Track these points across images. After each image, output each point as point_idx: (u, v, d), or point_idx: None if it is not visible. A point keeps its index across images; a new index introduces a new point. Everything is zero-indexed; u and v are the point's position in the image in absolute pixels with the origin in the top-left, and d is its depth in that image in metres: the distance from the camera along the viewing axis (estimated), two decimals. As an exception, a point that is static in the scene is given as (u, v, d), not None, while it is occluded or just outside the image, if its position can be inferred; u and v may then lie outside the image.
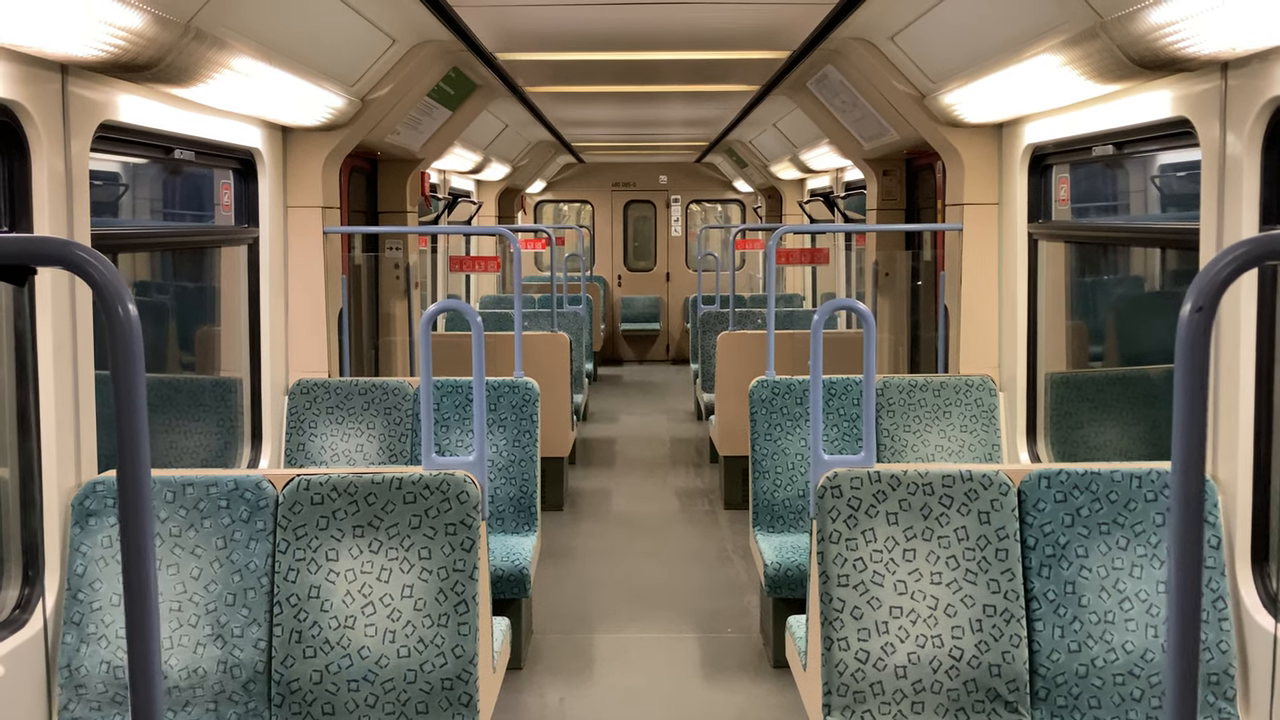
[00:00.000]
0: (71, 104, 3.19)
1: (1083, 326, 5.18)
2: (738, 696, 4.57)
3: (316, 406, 4.95)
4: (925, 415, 4.93)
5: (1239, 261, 1.23)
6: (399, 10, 4.47)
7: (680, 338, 15.60)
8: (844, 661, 3.14)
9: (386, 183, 6.90)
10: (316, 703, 3.15)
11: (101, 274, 1.23)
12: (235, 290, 4.97)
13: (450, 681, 3.16)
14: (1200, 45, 2.93)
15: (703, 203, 16.16)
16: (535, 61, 6.08)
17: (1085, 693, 3.13)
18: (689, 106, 8.58)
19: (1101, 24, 3.24)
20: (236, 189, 4.89)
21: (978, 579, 3.17)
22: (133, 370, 1.24)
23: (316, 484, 3.24)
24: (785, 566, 4.56)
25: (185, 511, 3.22)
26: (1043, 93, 4.06)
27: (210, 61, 3.45)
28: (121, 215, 4.54)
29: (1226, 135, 3.20)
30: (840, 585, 3.16)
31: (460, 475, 3.26)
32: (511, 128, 9.68)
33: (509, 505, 4.92)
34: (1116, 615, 3.14)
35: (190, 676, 3.14)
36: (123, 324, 1.23)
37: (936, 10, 4.29)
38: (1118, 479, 3.21)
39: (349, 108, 4.98)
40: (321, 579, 3.20)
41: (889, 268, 7.08)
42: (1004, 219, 5.16)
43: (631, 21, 5.00)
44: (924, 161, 6.75)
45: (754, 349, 6.96)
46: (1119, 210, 5.00)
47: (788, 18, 4.86)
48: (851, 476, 3.21)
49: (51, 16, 2.66)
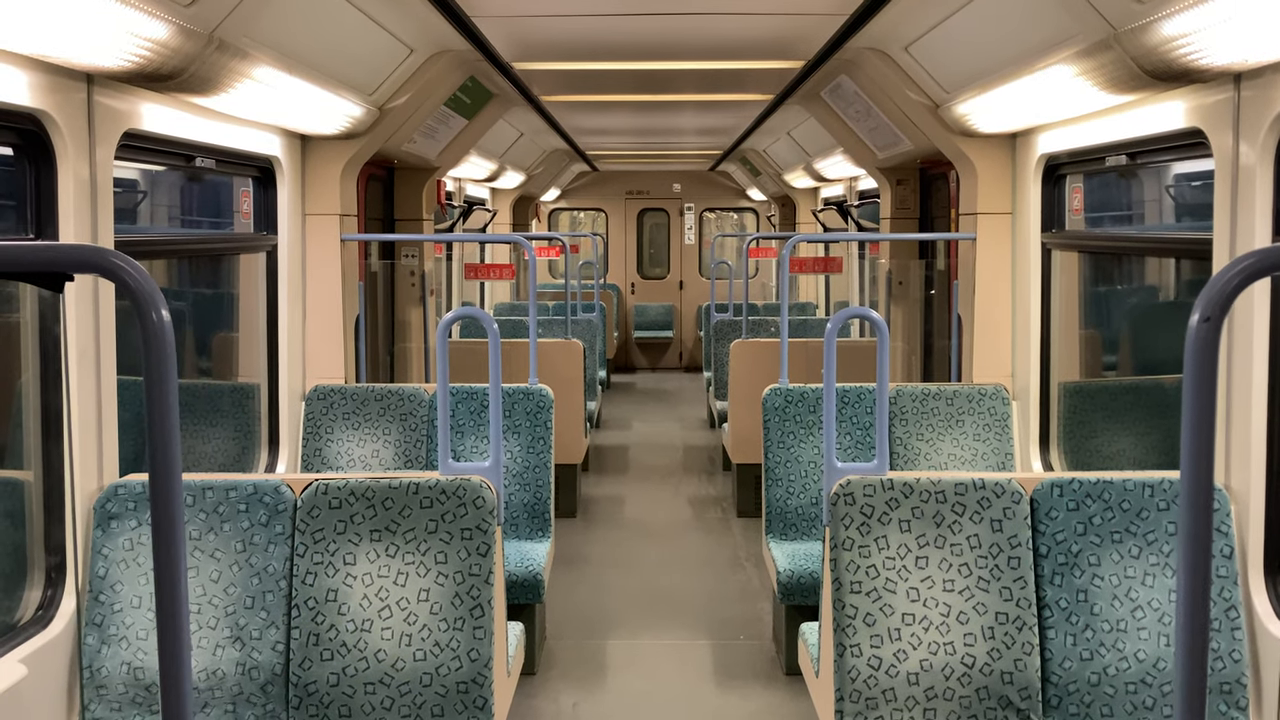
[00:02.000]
0: (97, 113, 3.24)
1: (1096, 336, 5.19)
2: (750, 703, 4.58)
3: (333, 412, 4.99)
4: (938, 424, 4.94)
5: (1247, 272, 1.25)
6: (417, 20, 4.51)
7: (693, 345, 15.61)
8: (856, 668, 3.15)
9: (403, 191, 6.96)
10: (333, 705, 3.18)
11: (136, 280, 1.26)
12: (254, 297, 5.02)
13: (465, 685, 3.19)
14: (1213, 57, 2.95)
15: (717, 211, 16.19)
16: (551, 71, 6.13)
17: (1097, 701, 3.14)
18: (703, 115, 8.62)
19: (1115, 35, 3.26)
20: (256, 197, 4.94)
21: (990, 587, 3.18)
22: (165, 374, 1.27)
23: (335, 488, 3.28)
24: (798, 574, 4.57)
25: (205, 515, 3.26)
26: (1056, 103, 4.08)
27: (232, 71, 3.50)
28: (142, 222, 4.60)
29: (1239, 146, 3.21)
30: (853, 592, 3.18)
31: (476, 480, 3.30)
32: (527, 136, 9.73)
33: (523, 511, 4.95)
34: (1129, 624, 3.15)
35: (209, 678, 3.18)
36: (156, 329, 1.26)
37: (951, 21, 4.32)
38: (1130, 488, 3.22)
39: (367, 116, 5.03)
40: (339, 582, 3.23)
41: (902, 276, 7.09)
42: (1017, 228, 5.17)
43: (646, 32, 5.04)
44: (937, 171, 6.77)
45: (767, 357, 6.98)
46: (1132, 220, 5.01)
47: (802, 28, 4.89)
48: (865, 484, 3.24)
49: (78, 27, 2.71)
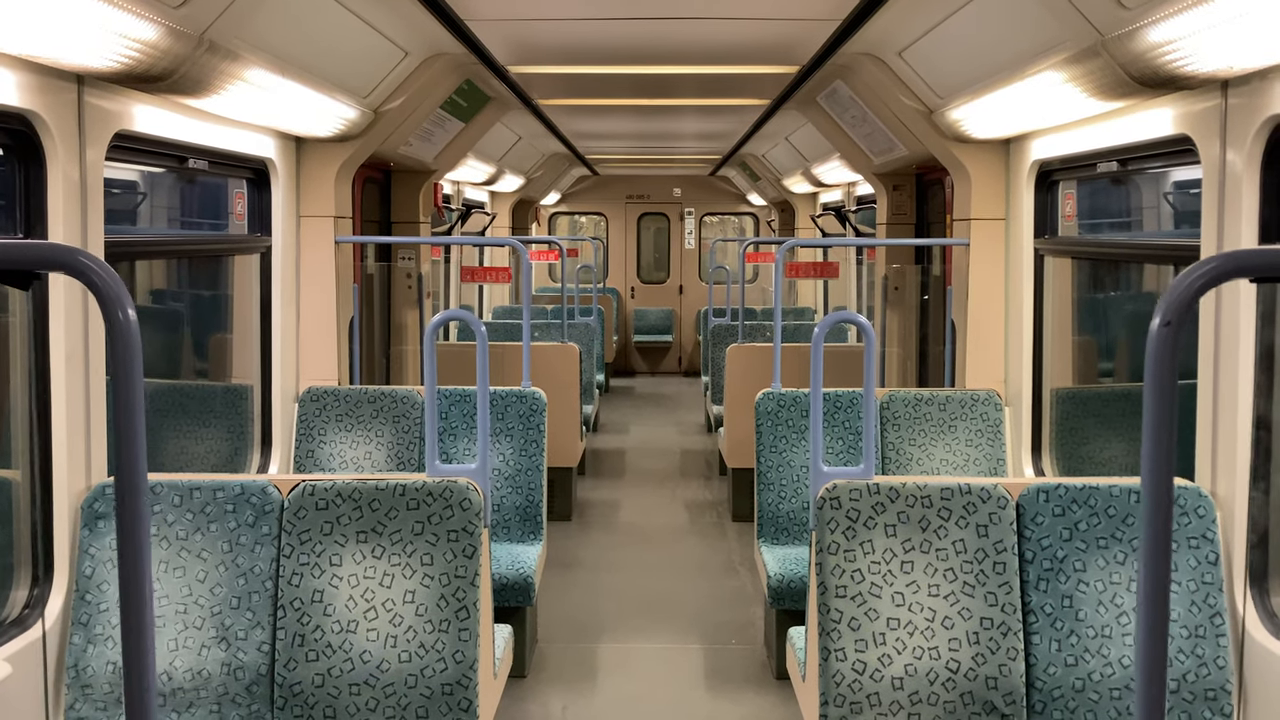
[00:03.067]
0: (87, 114, 3.25)
1: (1088, 342, 5.19)
2: (740, 708, 4.58)
3: (326, 414, 5.00)
4: (931, 429, 4.94)
5: (1207, 278, 1.25)
6: (411, 23, 4.53)
7: (692, 350, 15.63)
8: (841, 672, 3.15)
9: (399, 193, 6.97)
10: (318, 706, 3.19)
11: (102, 279, 1.27)
12: (247, 298, 5.03)
13: (450, 687, 3.19)
14: (1199, 64, 2.96)
15: (717, 215, 16.21)
16: (548, 75, 6.14)
17: (1082, 706, 3.14)
18: (702, 120, 8.63)
19: (1102, 42, 3.26)
20: (250, 198, 4.95)
21: (975, 592, 3.18)
22: (132, 373, 1.28)
23: (321, 489, 3.29)
24: (788, 578, 4.57)
25: (192, 515, 3.27)
26: (1047, 109, 4.09)
27: (224, 73, 3.51)
28: (137, 224, 4.61)
29: (1227, 153, 3.22)
30: (838, 596, 3.19)
31: (463, 482, 3.30)
32: (525, 140, 9.74)
33: (515, 514, 4.95)
34: (1114, 629, 3.15)
35: (194, 678, 3.19)
36: (123, 328, 1.27)
37: (943, 27, 4.32)
38: (1116, 494, 3.22)
39: (362, 119, 5.04)
40: (325, 583, 3.24)
41: (898, 282, 7.10)
42: (1011, 234, 5.18)
43: (644, 36, 5.05)
44: (933, 176, 6.78)
45: (762, 362, 6.99)
46: (1124, 226, 5.01)
47: (798, 33, 4.90)
48: (850, 488, 3.24)
49: (68, 28, 2.72)
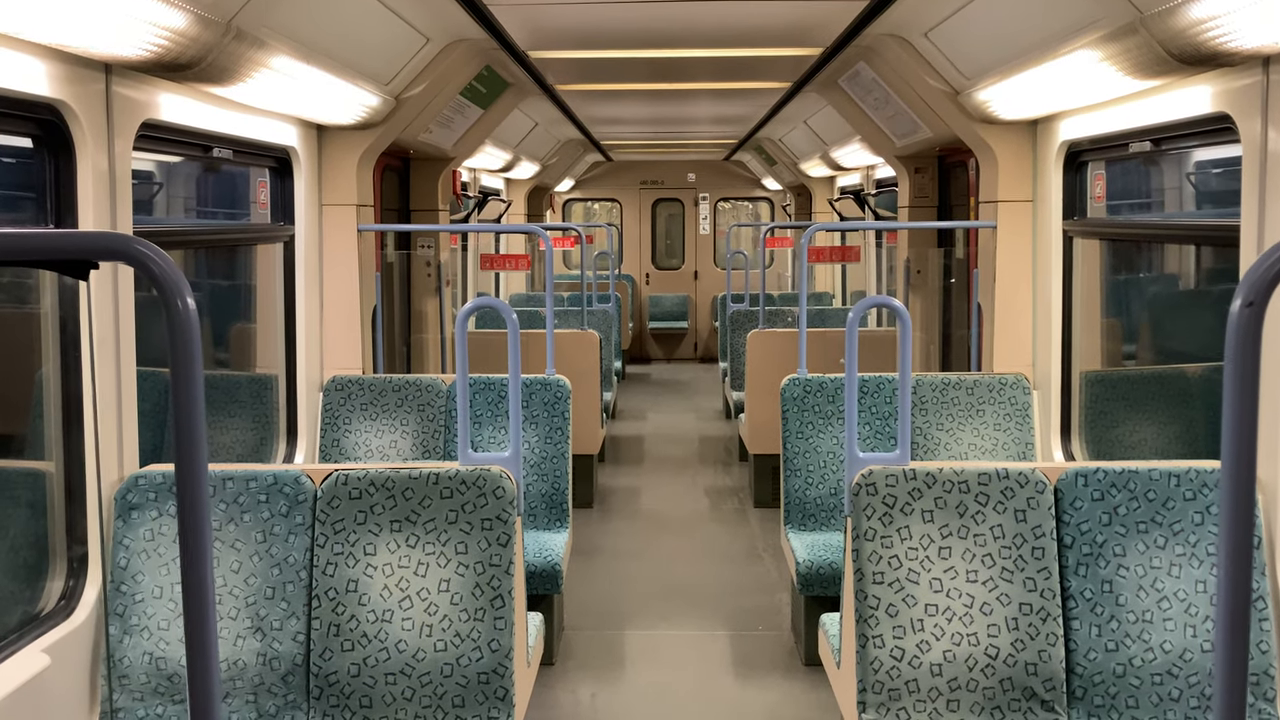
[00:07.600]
0: (115, 103, 3.23)
1: (1118, 324, 5.14)
2: (769, 694, 4.57)
3: (351, 403, 4.99)
4: (958, 414, 4.91)
5: (1293, 256, 1.22)
6: (433, 9, 4.49)
7: (708, 336, 15.58)
8: (879, 659, 3.13)
9: (419, 181, 6.95)
10: (354, 695, 3.18)
11: (161, 268, 1.25)
12: (271, 287, 5.01)
13: (486, 675, 3.18)
14: (1242, 40, 2.91)
15: (731, 201, 16.14)
16: (566, 59, 6.10)
17: (1123, 692, 3.11)
18: (718, 104, 8.58)
19: (1141, 19, 3.21)
20: (273, 187, 4.94)
21: (1014, 577, 3.16)
22: (191, 363, 1.26)
23: (355, 479, 3.27)
24: (817, 565, 4.55)
25: (225, 505, 3.26)
26: (1079, 89, 4.03)
27: (250, 61, 3.49)
28: (160, 213, 4.59)
29: (1268, 131, 3.17)
30: (875, 583, 3.16)
31: (496, 471, 3.28)
32: (541, 126, 9.71)
33: (541, 502, 4.94)
34: (1155, 614, 3.12)
35: (230, 669, 3.18)
36: (182, 317, 1.25)
37: (971, 6, 4.27)
38: (1155, 478, 3.19)
39: (383, 106, 5.02)
40: (359, 573, 3.23)
41: (921, 266, 7.05)
42: (1038, 216, 5.13)
43: (662, 19, 5.01)
44: (956, 158, 6.72)
45: (784, 347, 6.95)
46: (1156, 207, 4.96)
47: (821, 15, 4.85)
48: (887, 474, 3.21)
49: (97, 17, 2.70)
